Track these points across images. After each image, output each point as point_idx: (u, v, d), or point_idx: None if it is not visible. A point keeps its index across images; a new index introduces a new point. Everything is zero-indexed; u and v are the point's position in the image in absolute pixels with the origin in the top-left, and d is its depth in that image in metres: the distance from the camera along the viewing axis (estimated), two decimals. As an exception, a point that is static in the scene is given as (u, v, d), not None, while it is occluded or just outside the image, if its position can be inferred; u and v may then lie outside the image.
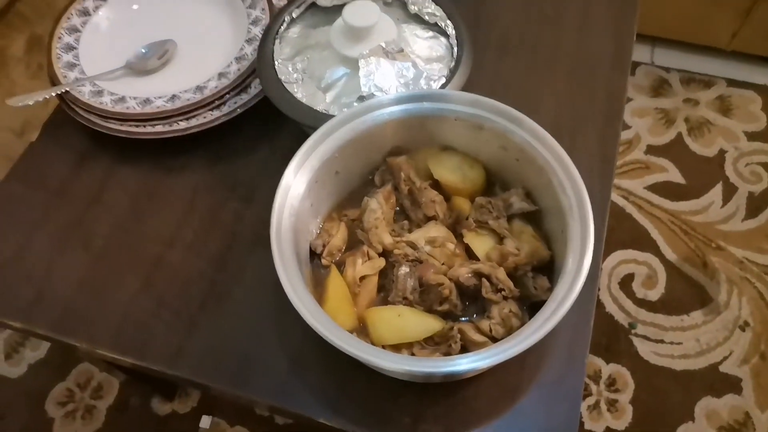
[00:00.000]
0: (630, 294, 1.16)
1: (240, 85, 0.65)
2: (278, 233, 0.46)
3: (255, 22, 0.70)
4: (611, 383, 1.07)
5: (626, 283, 1.17)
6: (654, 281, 1.16)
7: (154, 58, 0.69)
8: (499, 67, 0.70)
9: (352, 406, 0.51)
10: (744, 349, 1.09)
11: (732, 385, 1.06)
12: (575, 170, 0.47)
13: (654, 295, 1.15)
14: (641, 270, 1.17)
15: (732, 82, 1.39)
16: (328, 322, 0.44)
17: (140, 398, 1.10)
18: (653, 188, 1.26)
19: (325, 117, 0.55)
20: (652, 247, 1.19)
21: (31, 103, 0.65)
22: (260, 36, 0.68)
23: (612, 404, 1.05)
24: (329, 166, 0.52)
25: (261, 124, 0.67)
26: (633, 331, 1.11)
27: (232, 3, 0.72)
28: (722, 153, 1.30)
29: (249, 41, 0.68)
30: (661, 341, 1.10)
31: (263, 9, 0.70)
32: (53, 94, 0.65)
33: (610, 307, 1.14)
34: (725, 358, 1.08)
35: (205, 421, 1.07)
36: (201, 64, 0.69)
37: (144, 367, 0.55)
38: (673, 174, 1.28)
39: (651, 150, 1.31)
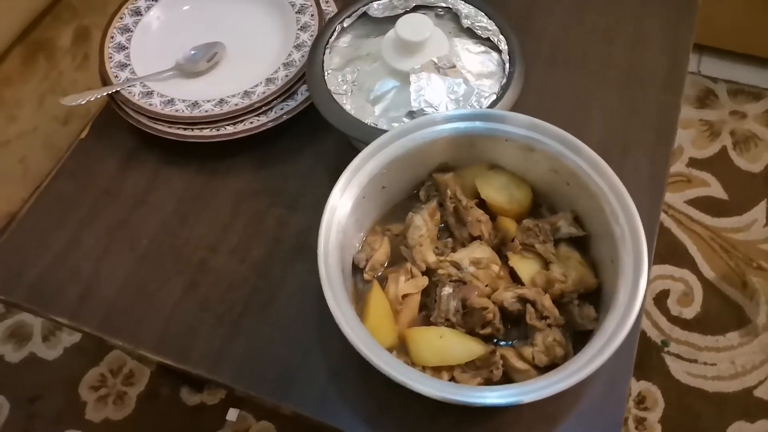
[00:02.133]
0: (664, 311, 1.13)
1: (287, 92, 0.66)
2: (325, 252, 0.46)
3: (304, 28, 0.70)
4: (641, 401, 1.06)
5: (661, 299, 1.14)
6: (690, 299, 1.14)
7: (203, 61, 0.70)
8: (548, 80, 0.69)
9: (390, 424, 0.51)
10: (781, 374, 1.06)
11: (766, 410, 1.03)
12: (630, 201, 0.46)
13: (689, 313, 1.12)
14: (677, 286, 1.15)
15: (783, 96, 1.35)
16: (371, 341, 0.44)
17: (170, 388, 1.12)
18: (694, 203, 1.23)
19: (373, 131, 0.55)
20: (690, 264, 1.17)
21: (83, 102, 0.66)
22: (308, 42, 0.68)
23: (640, 422, 1.04)
24: (377, 182, 0.52)
25: (306, 131, 0.67)
26: (666, 349, 1.09)
27: (282, 8, 0.72)
28: (768, 169, 1.27)
29: (297, 47, 0.68)
30: (695, 361, 1.08)
31: (312, 15, 0.70)
32: (104, 94, 0.67)
33: (643, 323, 1.12)
34: (761, 382, 1.06)
35: (232, 414, 1.09)
36: (249, 67, 0.69)
37: (185, 370, 0.57)
38: (716, 189, 1.25)
39: (693, 163, 1.28)
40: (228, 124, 0.65)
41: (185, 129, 0.65)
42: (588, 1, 0.76)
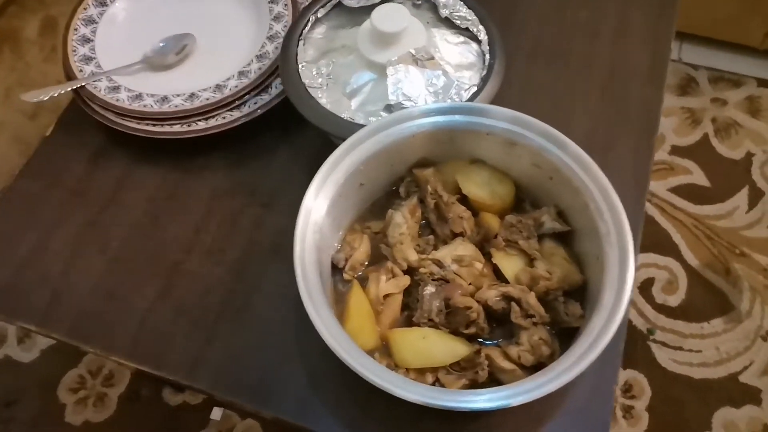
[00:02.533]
0: (649, 299, 1.13)
1: (261, 85, 0.63)
2: (302, 253, 0.45)
3: (277, 18, 0.67)
4: (627, 389, 1.06)
5: (646, 287, 1.14)
6: (674, 287, 1.14)
7: (172, 54, 0.67)
8: (529, 75, 0.68)
9: (373, 428, 0.50)
10: (765, 360, 1.07)
11: (751, 396, 1.04)
12: (616, 197, 0.45)
13: (674, 300, 1.13)
14: (662, 275, 1.15)
15: (763, 82, 1.35)
16: (351, 346, 0.42)
17: (151, 388, 1.10)
18: (677, 190, 1.23)
19: (350, 125, 0.53)
20: (674, 252, 1.17)
21: (45, 98, 0.63)
22: (282, 33, 0.65)
23: (628, 411, 1.04)
24: (354, 179, 0.50)
25: (281, 125, 0.65)
26: (651, 337, 1.09)
27: (254, -3, 0.69)
28: (749, 156, 1.26)
29: (270, 38, 0.66)
30: (680, 348, 1.08)
31: (286, 5, 0.68)
32: (68, 89, 0.64)
33: (629, 312, 1.12)
34: (745, 368, 1.06)
35: (216, 413, 1.06)
36: (220, 60, 0.67)
37: (160, 377, 0.55)
38: (698, 176, 1.25)
39: (675, 151, 1.28)
40: (199, 120, 0.62)
41: (155, 125, 0.62)
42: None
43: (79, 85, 0.63)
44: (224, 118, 0.63)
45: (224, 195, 0.62)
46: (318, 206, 0.47)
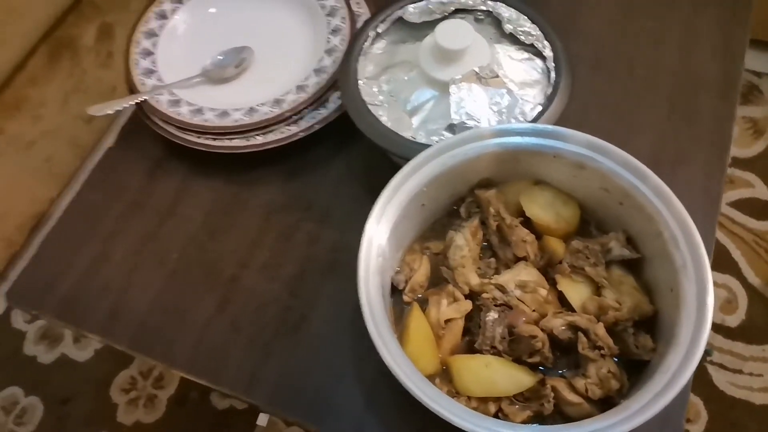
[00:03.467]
0: (706, 317, 1.09)
1: (319, 99, 0.63)
2: (366, 278, 0.44)
3: (335, 32, 0.67)
4: (681, 411, 1.02)
5: (702, 305, 1.10)
6: (734, 306, 1.09)
7: (230, 67, 0.68)
8: (592, 86, 0.65)
9: (431, 455, 0.49)
10: (832, 386, 1.01)
11: (816, 423, 0.99)
12: (694, 228, 0.43)
13: (733, 321, 1.08)
14: (720, 293, 1.10)
15: (832, 91, 1.28)
16: (417, 376, 0.42)
17: (200, 392, 1.11)
18: (737, 205, 1.18)
19: (412, 145, 0.52)
20: (733, 269, 1.12)
21: (111, 112, 0.64)
22: (340, 47, 0.65)
23: (682, 434, 1.00)
24: (416, 201, 0.49)
25: (336, 139, 0.65)
26: (708, 359, 1.05)
27: (311, 10, 0.69)
28: (816, 169, 1.21)
29: (328, 52, 0.66)
30: (740, 371, 1.03)
31: (343, 18, 0.67)
32: (132, 103, 0.65)
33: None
34: (811, 394, 1.01)
35: (263, 419, 1.07)
36: (278, 73, 0.67)
37: (218, 391, 0.55)
38: (760, 190, 1.19)
39: (736, 163, 1.22)
40: (258, 134, 0.63)
41: (214, 139, 0.63)
42: (634, 0, 0.71)
43: (141, 99, 0.64)
44: (282, 132, 0.63)
45: (279, 209, 0.62)
46: (381, 229, 0.46)
